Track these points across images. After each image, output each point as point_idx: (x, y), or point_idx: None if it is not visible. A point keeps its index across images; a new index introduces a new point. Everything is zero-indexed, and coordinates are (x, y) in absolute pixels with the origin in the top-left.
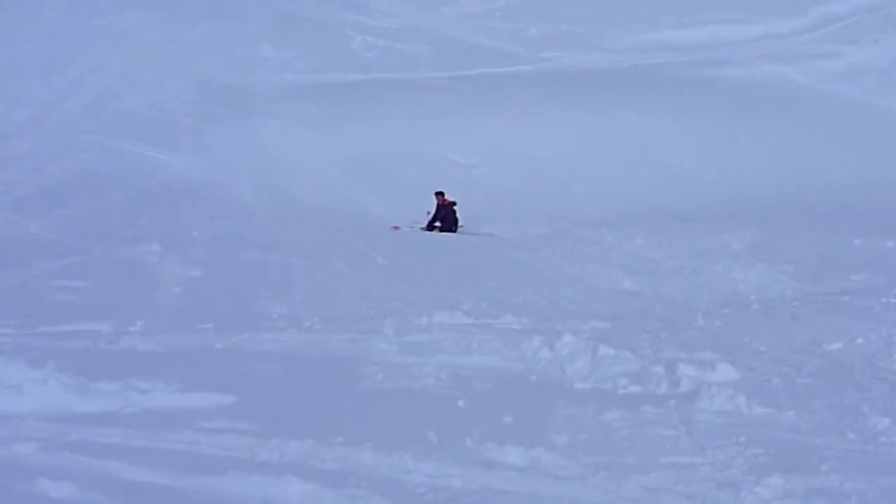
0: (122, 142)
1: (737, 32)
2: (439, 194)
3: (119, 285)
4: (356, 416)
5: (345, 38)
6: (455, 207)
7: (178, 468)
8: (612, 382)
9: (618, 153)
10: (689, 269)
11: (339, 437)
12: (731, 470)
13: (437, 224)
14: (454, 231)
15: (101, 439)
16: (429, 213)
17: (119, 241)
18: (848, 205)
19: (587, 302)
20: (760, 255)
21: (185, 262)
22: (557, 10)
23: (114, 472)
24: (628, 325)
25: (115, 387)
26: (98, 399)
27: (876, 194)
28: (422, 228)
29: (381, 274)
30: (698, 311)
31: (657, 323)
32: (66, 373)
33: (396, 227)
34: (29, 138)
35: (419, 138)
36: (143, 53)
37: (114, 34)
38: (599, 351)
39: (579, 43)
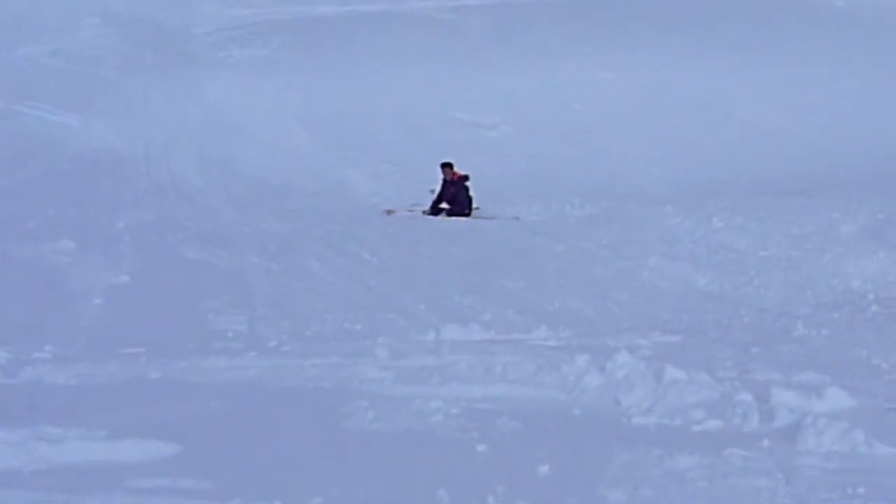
0: (18, 103)
1: None
2: (446, 166)
3: (19, 297)
4: (339, 469)
5: None
6: (468, 183)
7: None
8: (683, 417)
9: (682, 105)
10: (786, 261)
11: (317, 497)
12: None
13: (445, 206)
14: (467, 214)
15: None
16: (433, 191)
17: (18, 238)
18: None
19: (648, 308)
20: (881, 239)
21: (107, 264)
22: None
23: None
24: (704, 339)
25: (15, 436)
26: None
27: None
28: (424, 212)
29: (370, 276)
30: (798, 318)
31: (743, 334)
32: None
33: (390, 212)
34: None
35: (415, 91)
36: None
37: None
38: (666, 374)
39: None
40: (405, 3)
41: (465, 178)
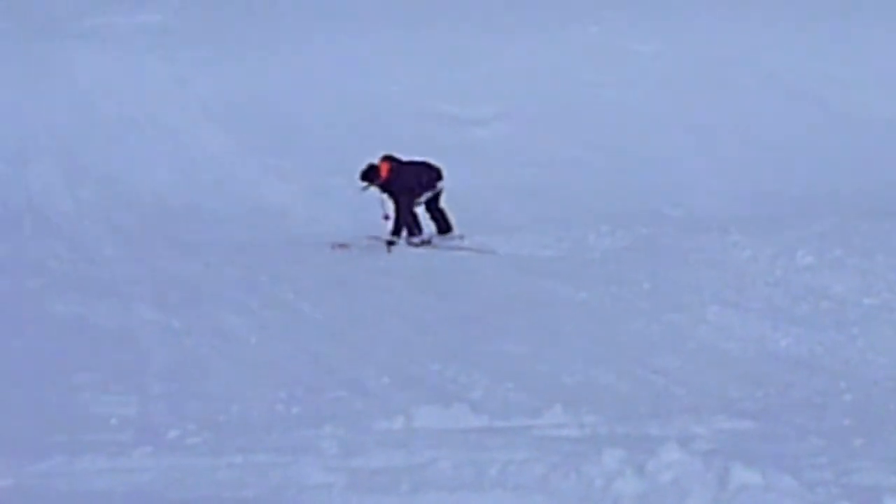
0: None
1: None
2: (367, 174)
3: None
4: None
5: None
6: (399, 156)
7: None
8: None
9: (749, 89)
10: None
11: None
12: None
13: (396, 221)
14: (437, 183)
15: None
16: (386, 216)
17: None
18: None
19: (706, 381)
20: None
21: None
22: None
23: None
24: (787, 425)
25: None
26: None
27: None
28: (387, 241)
29: (312, 337)
30: None
31: (843, 419)
32: None
33: (343, 246)
34: None
35: (376, 72)
36: None
37: None
38: (733, 476)
39: None
40: None
41: (391, 157)
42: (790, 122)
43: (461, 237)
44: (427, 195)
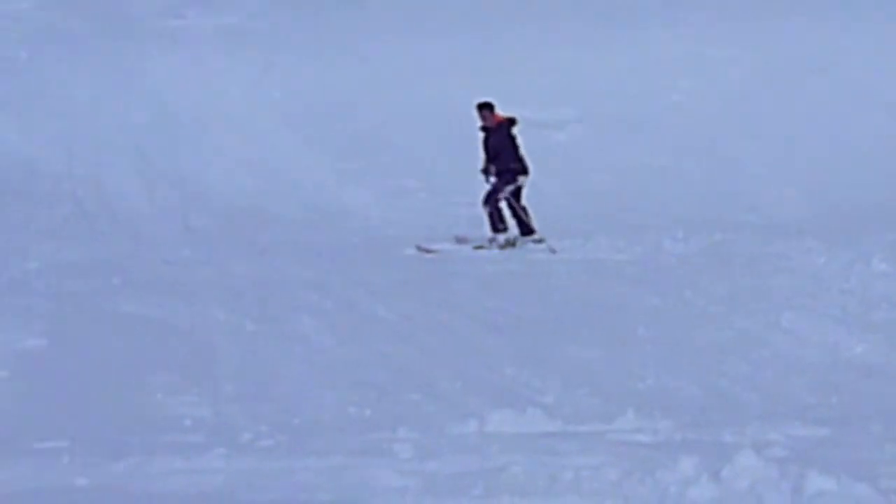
0: None
1: None
2: (485, 107)
3: None
4: None
5: None
6: (515, 130)
7: None
8: None
9: (827, 95)
10: None
11: None
12: None
13: (490, 171)
14: (524, 172)
15: None
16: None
17: None
18: None
19: (781, 387)
20: None
21: (14, 321)
22: None
23: None
24: (862, 433)
25: None
26: None
27: None
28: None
29: (385, 340)
30: None
31: None
32: None
33: (429, 251)
34: None
35: (449, 76)
36: None
37: None
38: (809, 483)
39: None
40: None
41: (512, 121)
42: (866, 129)
43: (541, 240)
44: (510, 188)
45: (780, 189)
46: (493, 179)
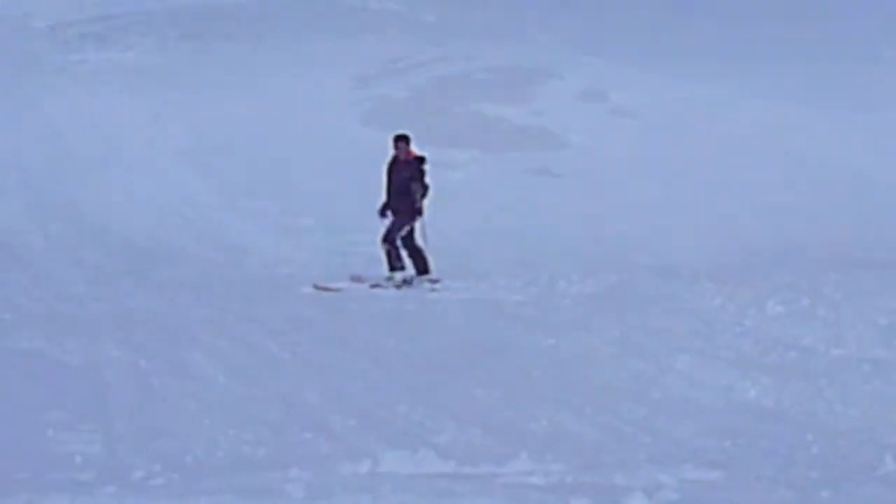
0: None
1: None
2: (401, 140)
3: None
4: None
5: None
6: (425, 167)
7: None
8: None
9: (722, 139)
10: (871, 364)
11: None
12: None
13: (386, 213)
14: (419, 212)
15: None
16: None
17: None
18: None
19: (674, 430)
20: None
21: None
22: None
23: None
24: (755, 476)
25: None
26: None
27: None
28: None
29: (279, 378)
30: (887, 448)
31: (810, 471)
32: None
33: (327, 289)
34: None
35: (350, 112)
36: None
37: None
38: None
39: None
40: None
41: (422, 159)
42: (761, 173)
43: (436, 281)
44: (407, 227)
45: (676, 232)
46: (389, 218)
